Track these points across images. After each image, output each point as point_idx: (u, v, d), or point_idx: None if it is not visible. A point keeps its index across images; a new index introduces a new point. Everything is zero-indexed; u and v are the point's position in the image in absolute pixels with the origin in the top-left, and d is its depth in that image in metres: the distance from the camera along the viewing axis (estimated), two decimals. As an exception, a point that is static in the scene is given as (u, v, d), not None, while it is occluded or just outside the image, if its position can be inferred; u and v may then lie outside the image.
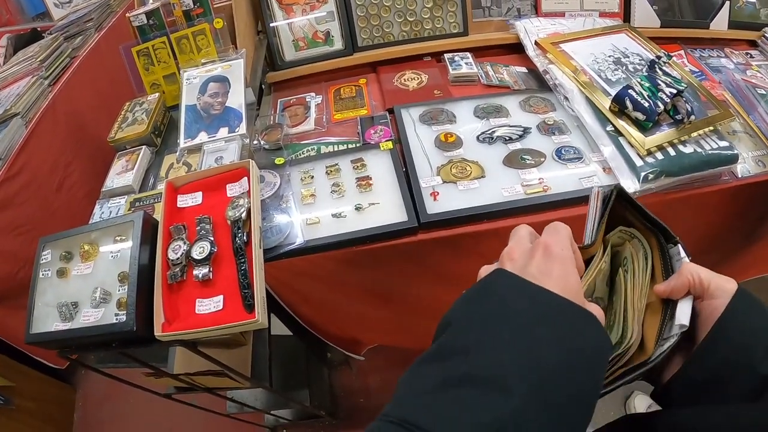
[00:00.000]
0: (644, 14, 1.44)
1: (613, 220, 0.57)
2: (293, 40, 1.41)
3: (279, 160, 1.14)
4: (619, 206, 0.56)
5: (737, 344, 0.44)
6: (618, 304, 0.53)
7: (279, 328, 1.29)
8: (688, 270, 0.50)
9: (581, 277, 0.48)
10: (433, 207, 1.02)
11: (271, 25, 1.40)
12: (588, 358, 0.39)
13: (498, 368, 0.36)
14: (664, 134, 1.07)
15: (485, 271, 0.49)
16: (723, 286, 0.48)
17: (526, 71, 1.39)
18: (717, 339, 0.45)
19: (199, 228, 0.90)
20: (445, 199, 1.04)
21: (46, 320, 0.86)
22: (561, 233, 0.47)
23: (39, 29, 2.23)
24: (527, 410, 0.35)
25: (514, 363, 0.36)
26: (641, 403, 1.71)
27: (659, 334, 0.49)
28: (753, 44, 1.50)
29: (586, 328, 0.40)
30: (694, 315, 0.49)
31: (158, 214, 0.94)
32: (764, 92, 1.23)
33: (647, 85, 1.10)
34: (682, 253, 0.52)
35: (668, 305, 0.51)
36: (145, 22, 1.33)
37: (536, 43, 1.34)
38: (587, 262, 0.53)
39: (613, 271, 0.57)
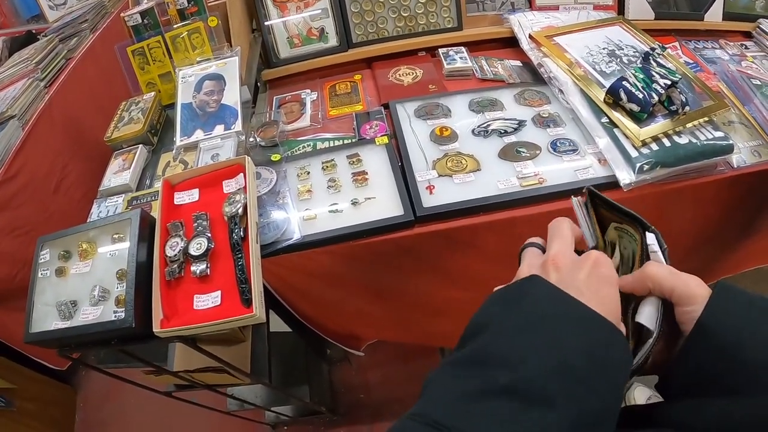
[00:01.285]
0: (638, 6, 1.44)
1: (601, 220, 0.57)
2: (288, 38, 1.41)
3: (275, 157, 1.15)
4: (597, 206, 0.56)
5: (719, 347, 0.42)
6: None
7: (278, 325, 1.29)
8: (648, 276, 0.47)
9: None
10: (429, 200, 1.02)
11: (266, 23, 1.40)
12: (613, 372, 0.39)
13: (537, 382, 0.36)
14: (659, 125, 1.07)
15: (525, 270, 0.49)
16: (690, 294, 0.45)
17: (521, 65, 1.40)
18: (697, 343, 0.44)
19: (196, 225, 0.91)
20: (441, 192, 1.04)
21: (46, 319, 0.87)
22: (607, 257, 0.47)
23: (34, 31, 2.23)
24: (566, 425, 0.35)
25: (554, 378, 0.37)
26: (641, 395, 1.71)
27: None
28: (748, 35, 1.50)
29: (613, 341, 0.41)
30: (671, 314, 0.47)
31: (155, 212, 0.94)
32: (759, 83, 1.23)
33: (641, 76, 1.10)
34: (651, 240, 0.50)
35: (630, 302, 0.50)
36: (140, 21, 1.33)
37: (530, 36, 1.34)
38: None
39: None
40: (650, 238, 0.50)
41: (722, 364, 0.42)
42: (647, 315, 0.47)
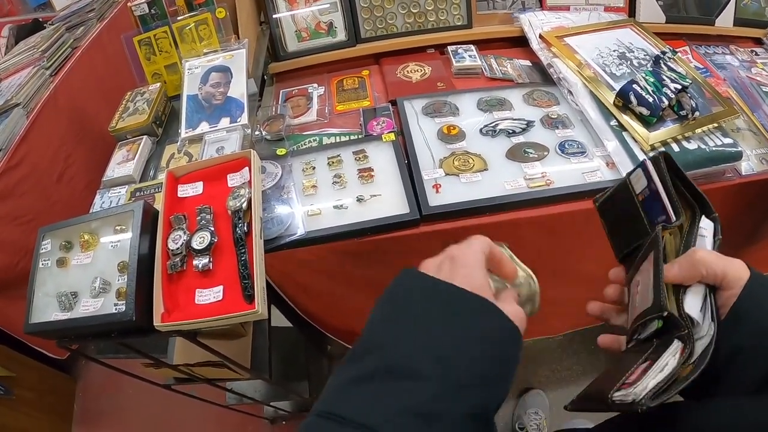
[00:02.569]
0: (649, 9, 1.43)
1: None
2: (296, 31, 1.40)
3: (281, 151, 1.14)
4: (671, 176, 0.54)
5: (750, 332, 0.43)
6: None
7: (279, 320, 1.29)
8: (701, 261, 0.47)
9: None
10: (435, 199, 1.01)
11: (274, 16, 1.39)
12: (490, 341, 0.43)
13: (408, 359, 0.40)
14: (668, 130, 1.06)
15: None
16: (739, 277, 0.46)
17: (530, 65, 1.39)
18: (730, 328, 0.44)
19: (199, 218, 0.90)
20: (447, 191, 1.03)
21: (46, 310, 0.86)
22: (472, 245, 0.50)
23: (41, 20, 2.22)
24: (434, 390, 0.38)
25: (423, 352, 0.41)
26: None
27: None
28: (758, 42, 1.49)
29: (487, 315, 0.44)
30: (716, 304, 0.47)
31: (159, 204, 0.94)
32: (769, 89, 1.22)
33: (652, 80, 1.09)
34: (705, 224, 0.49)
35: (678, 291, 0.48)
36: (147, 11, 1.32)
37: (540, 36, 1.33)
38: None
39: None
40: (705, 223, 0.49)
41: (753, 354, 0.43)
42: (693, 305, 0.46)
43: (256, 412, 1.78)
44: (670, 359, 0.43)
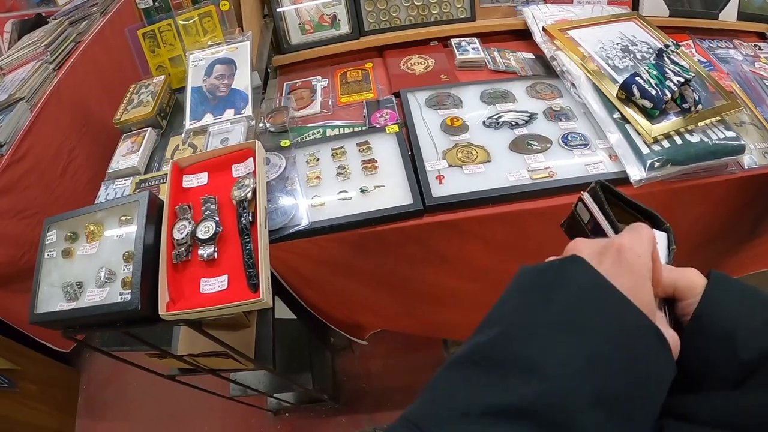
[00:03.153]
0: (653, 3, 1.43)
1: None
2: (299, 24, 1.40)
3: (285, 143, 1.14)
4: (610, 201, 0.55)
5: (716, 335, 0.42)
6: None
7: (283, 312, 1.29)
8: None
9: None
10: (439, 190, 1.02)
11: (278, 10, 1.39)
12: (654, 387, 0.36)
13: (571, 405, 0.31)
14: (670, 123, 1.06)
15: (574, 247, 0.43)
16: (690, 285, 0.44)
17: (533, 57, 1.39)
18: (694, 334, 0.43)
19: (204, 208, 0.91)
20: (451, 182, 1.03)
21: (51, 300, 0.87)
22: (642, 235, 0.41)
23: (44, 14, 2.22)
24: None
25: (592, 401, 0.31)
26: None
27: None
28: (762, 36, 1.49)
29: (659, 354, 0.36)
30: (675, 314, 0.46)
31: (164, 195, 0.94)
32: (772, 84, 1.22)
33: (655, 73, 1.09)
34: (658, 237, 0.48)
35: None
36: (151, 4, 1.33)
37: (544, 29, 1.33)
38: None
39: None
40: (658, 236, 0.48)
41: (719, 356, 0.42)
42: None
43: (260, 404, 1.79)
44: None
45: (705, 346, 0.42)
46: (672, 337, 0.38)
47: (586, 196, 0.53)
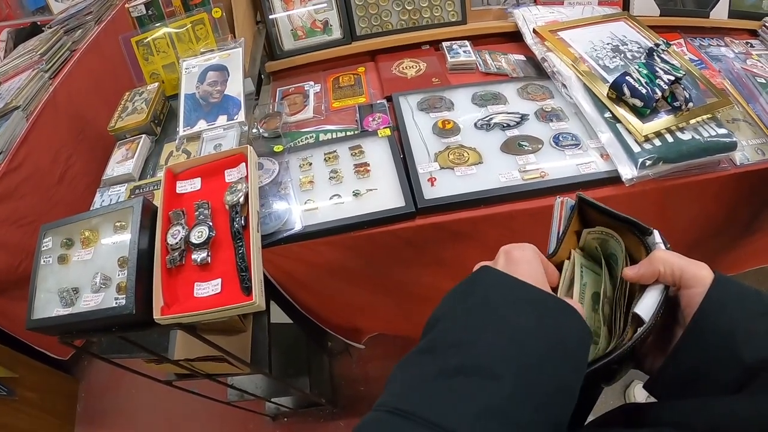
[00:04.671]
0: (643, 3, 1.44)
1: (589, 227, 0.57)
2: (292, 30, 1.41)
3: (278, 148, 1.15)
4: (589, 213, 0.56)
5: (718, 335, 0.42)
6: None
7: (279, 316, 1.30)
8: (659, 259, 0.47)
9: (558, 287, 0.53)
10: (431, 192, 1.02)
11: (270, 16, 1.40)
12: (568, 347, 0.41)
13: (487, 358, 0.38)
14: (662, 121, 1.07)
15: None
16: (697, 275, 0.45)
17: (525, 59, 1.40)
18: (696, 332, 0.44)
19: (197, 213, 0.91)
20: (443, 184, 1.04)
21: (47, 306, 0.87)
22: (524, 245, 0.51)
23: (39, 23, 2.23)
24: (516, 396, 0.36)
25: (502, 353, 0.39)
26: (641, 392, 1.71)
27: (615, 322, 0.49)
28: (753, 34, 1.50)
29: (566, 319, 0.43)
30: (675, 304, 0.47)
31: (158, 201, 0.95)
32: (764, 81, 1.23)
33: (645, 72, 1.10)
34: (658, 238, 0.51)
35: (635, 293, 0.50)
36: (144, 12, 1.34)
37: (534, 31, 1.34)
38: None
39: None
40: (657, 236, 0.51)
41: (719, 357, 0.42)
42: (646, 306, 0.47)
43: (258, 408, 1.79)
44: None
45: (706, 346, 0.43)
46: (580, 308, 0.45)
47: (558, 202, 0.56)
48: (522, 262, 0.48)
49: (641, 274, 0.48)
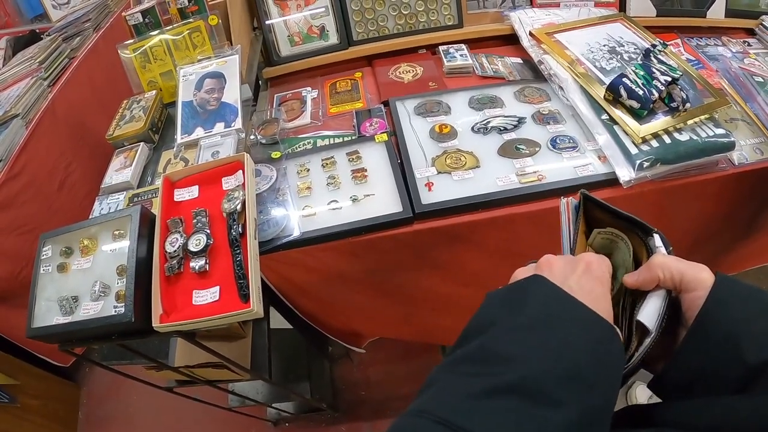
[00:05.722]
0: (640, 3, 1.44)
1: (592, 225, 0.57)
2: (288, 36, 1.41)
3: (275, 154, 1.15)
4: (592, 210, 0.56)
5: (720, 337, 0.43)
6: None
7: (279, 322, 1.30)
8: (658, 264, 0.47)
9: None
10: (428, 197, 1.02)
11: (267, 22, 1.40)
12: (613, 374, 0.41)
13: (546, 382, 0.37)
14: (659, 122, 1.07)
15: (522, 273, 0.50)
16: (697, 277, 0.45)
17: (521, 62, 1.40)
18: (699, 334, 0.44)
19: (195, 221, 0.91)
20: (440, 189, 1.04)
21: (47, 314, 0.88)
22: (604, 259, 0.49)
23: (37, 31, 2.24)
24: (574, 425, 0.35)
25: (562, 377, 0.37)
26: (642, 393, 1.71)
27: (621, 330, 0.49)
28: (751, 32, 1.49)
29: (613, 346, 0.42)
30: (677, 307, 0.47)
31: (156, 209, 0.95)
32: (762, 80, 1.23)
33: (642, 73, 1.10)
34: (658, 242, 0.50)
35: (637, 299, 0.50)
36: (141, 20, 1.34)
37: (531, 33, 1.34)
38: None
39: None
40: (657, 240, 0.50)
41: (722, 358, 0.42)
42: (648, 313, 0.47)
43: (260, 414, 1.79)
44: None
45: (708, 348, 0.43)
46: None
47: (563, 203, 0.55)
48: (597, 281, 0.46)
49: (641, 281, 0.48)
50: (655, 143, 1.04)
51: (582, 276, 0.46)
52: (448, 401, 0.37)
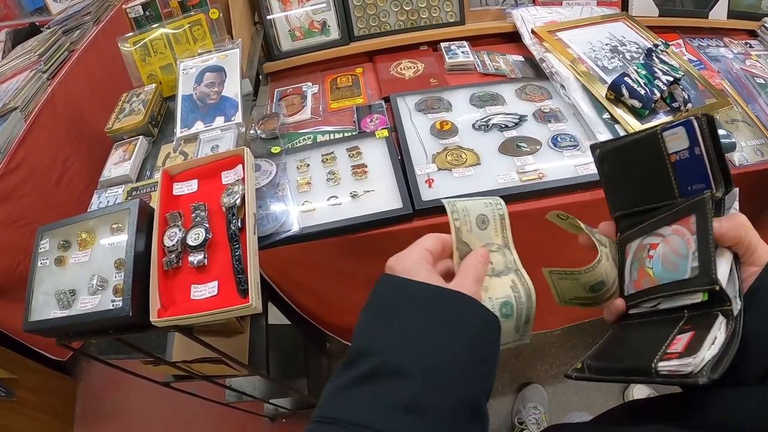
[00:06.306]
0: (642, 3, 1.44)
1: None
2: (289, 31, 1.41)
3: (275, 149, 1.15)
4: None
5: (757, 324, 0.42)
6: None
7: (277, 318, 1.30)
8: (744, 225, 0.45)
9: None
10: (428, 194, 1.02)
11: (268, 17, 1.40)
12: (468, 333, 0.44)
13: (392, 358, 0.42)
14: (660, 121, 1.07)
15: None
16: (764, 257, 0.44)
17: (523, 60, 1.39)
18: (750, 308, 0.43)
19: (194, 215, 0.91)
20: (440, 186, 1.04)
21: (45, 308, 0.87)
22: (402, 256, 0.52)
23: (37, 23, 2.23)
24: (429, 389, 0.40)
25: (404, 351, 0.43)
26: (640, 392, 1.71)
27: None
28: (752, 34, 1.50)
29: (462, 306, 0.46)
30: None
31: (155, 202, 0.95)
32: (764, 82, 1.23)
33: (644, 72, 1.10)
34: (736, 199, 0.48)
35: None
36: (142, 13, 1.33)
37: (533, 31, 1.34)
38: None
39: None
40: (737, 195, 0.49)
41: (750, 348, 0.41)
42: (722, 273, 0.44)
43: (257, 410, 1.79)
44: (718, 333, 0.41)
45: (747, 326, 0.42)
46: (467, 288, 0.48)
47: (696, 124, 0.47)
48: (407, 272, 0.49)
49: (722, 233, 0.45)
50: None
51: (407, 260, 0.50)
52: (323, 402, 0.43)
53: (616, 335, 0.53)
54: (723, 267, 0.44)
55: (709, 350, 0.40)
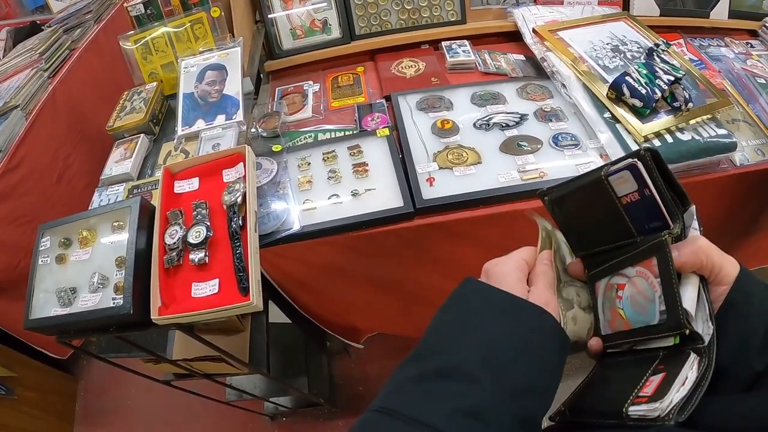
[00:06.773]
0: (644, 3, 1.44)
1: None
2: (291, 29, 1.41)
3: (276, 148, 1.15)
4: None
5: (733, 340, 0.42)
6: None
7: (278, 316, 1.30)
8: (703, 250, 0.44)
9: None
10: (429, 192, 1.02)
11: (270, 16, 1.40)
12: (540, 348, 0.45)
13: (464, 362, 0.42)
14: (661, 121, 1.07)
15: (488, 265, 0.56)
16: (731, 274, 0.44)
17: (524, 59, 1.39)
18: (727, 317, 0.43)
19: (195, 213, 0.91)
20: (441, 184, 1.04)
21: (45, 306, 0.87)
22: (503, 261, 0.54)
23: (38, 22, 2.23)
24: (491, 397, 0.40)
25: (477, 357, 0.42)
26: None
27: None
28: (753, 34, 1.49)
29: (538, 321, 0.46)
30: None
31: (155, 200, 0.95)
32: (764, 82, 1.23)
33: (645, 72, 1.09)
34: (695, 219, 0.47)
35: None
36: (143, 11, 1.33)
37: (534, 30, 1.34)
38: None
39: None
40: (695, 214, 0.48)
41: (729, 363, 0.42)
42: (689, 298, 0.44)
43: (257, 408, 1.79)
44: (689, 373, 0.42)
45: (720, 350, 0.42)
46: (541, 296, 0.49)
47: (641, 166, 0.46)
48: (500, 275, 0.51)
49: (683, 262, 0.45)
50: (657, 142, 1.04)
51: (487, 281, 0.51)
52: (386, 393, 0.43)
53: (597, 374, 0.53)
54: (690, 293, 0.44)
55: (677, 392, 0.40)
